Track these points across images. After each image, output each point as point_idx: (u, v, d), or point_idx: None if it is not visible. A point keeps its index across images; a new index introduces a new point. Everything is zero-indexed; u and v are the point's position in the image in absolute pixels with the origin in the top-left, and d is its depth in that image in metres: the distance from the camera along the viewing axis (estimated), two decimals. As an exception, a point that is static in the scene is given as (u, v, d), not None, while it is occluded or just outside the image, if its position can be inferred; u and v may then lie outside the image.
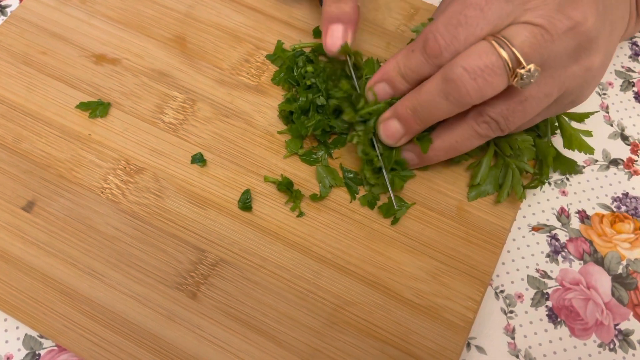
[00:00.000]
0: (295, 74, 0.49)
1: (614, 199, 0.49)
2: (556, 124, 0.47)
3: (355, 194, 0.45)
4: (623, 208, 0.48)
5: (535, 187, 0.45)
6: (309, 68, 0.48)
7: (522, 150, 0.45)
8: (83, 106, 0.48)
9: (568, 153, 0.48)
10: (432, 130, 0.43)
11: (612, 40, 0.41)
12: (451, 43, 0.38)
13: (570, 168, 0.47)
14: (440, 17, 0.39)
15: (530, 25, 0.37)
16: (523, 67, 0.36)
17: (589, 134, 0.47)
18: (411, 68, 0.41)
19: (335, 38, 0.46)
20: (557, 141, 0.49)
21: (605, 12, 0.39)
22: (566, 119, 0.47)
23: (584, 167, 0.50)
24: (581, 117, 0.47)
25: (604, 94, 0.53)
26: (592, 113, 0.47)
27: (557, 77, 0.38)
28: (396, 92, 0.43)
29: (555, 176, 0.49)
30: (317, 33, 0.52)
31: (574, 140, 0.47)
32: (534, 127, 0.46)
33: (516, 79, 0.37)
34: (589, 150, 0.46)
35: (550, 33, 0.36)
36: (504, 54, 0.36)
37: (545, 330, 0.44)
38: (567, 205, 0.48)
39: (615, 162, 0.50)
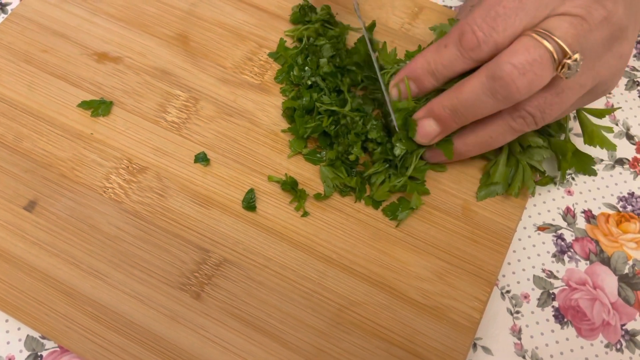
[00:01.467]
0: (295, 72, 0.48)
1: (620, 199, 0.48)
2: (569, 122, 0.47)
3: (362, 193, 0.45)
4: (629, 208, 0.48)
5: (546, 183, 0.45)
6: (325, 68, 0.48)
7: (533, 149, 0.44)
8: (85, 105, 0.48)
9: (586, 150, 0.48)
10: (463, 128, 0.43)
11: (637, 29, 0.41)
12: (490, 35, 0.38)
13: (587, 165, 0.47)
14: (476, 10, 0.38)
15: (569, 16, 0.37)
16: (569, 58, 0.36)
17: (610, 129, 0.46)
18: (443, 64, 0.40)
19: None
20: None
21: (632, 2, 0.39)
22: (587, 114, 0.46)
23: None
24: (601, 113, 0.46)
25: (609, 94, 0.53)
26: (614, 110, 0.47)
27: (592, 67, 0.39)
28: (422, 90, 0.42)
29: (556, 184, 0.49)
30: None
31: (595, 137, 0.46)
32: (545, 127, 0.45)
33: (563, 70, 0.37)
34: (611, 146, 0.46)
35: (588, 23, 0.37)
36: (549, 46, 0.36)
37: (552, 331, 0.43)
38: (573, 205, 0.48)
39: (620, 162, 0.50)
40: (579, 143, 0.48)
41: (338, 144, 0.45)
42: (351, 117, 0.45)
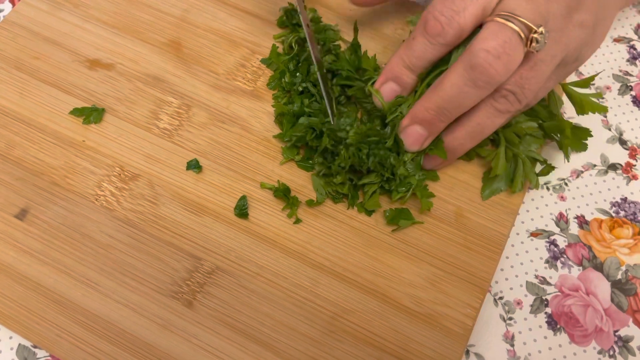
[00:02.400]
0: (286, 79, 0.48)
1: (613, 204, 0.48)
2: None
3: (355, 200, 0.45)
4: (622, 213, 0.48)
5: (547, 172, 0.46)
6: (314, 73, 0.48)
7: (530, 137, 0.45)
8: (77, 112, 0.48)
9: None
10: (449, 125, 0.43)
11: (605, 2, 0.43)
12: (452, 17, 0.39)
13: (583, 137, 0.47)
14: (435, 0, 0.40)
15: None
16: (535, 32, 0.38)
17: (599, 95, 0.47)
18: (416, 56, 0.42)
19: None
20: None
21: None
22: (572, 87, 0.47)
23: (581, 171, 0.50)
24: (586, 82, 0.47)
25: (602, 98, 0.53)
26: (595, 75, 0.47)
27: (558, 39, 0.40)
28: (404, 88, 0.43)
29: (554, 181, 0.49)
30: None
31: (585, 105, 0.46)
32: (535, 114, 0.46)
33: (532, 44, 0.38)
34: (603, 109, 0.46)
35: None
36: (514, 27, 0.38)
37: (545, 337, 0.43)
38: (566, 211, 0.48)
39: (613, 167, 0.50)
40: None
41: (322, 164, 0.45)
42: (334, 139, 0.44)
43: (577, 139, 0.47)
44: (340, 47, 0.50)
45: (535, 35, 0.38)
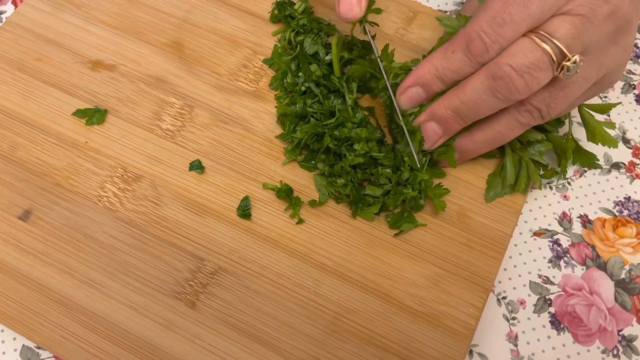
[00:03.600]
0: (288, 79, 0.48)
1: (616, 203, 0.48)
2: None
3: (358, 206, 0.44)
4: (625, 212, 0.48)
5: (550, 176, 0.46)
6: (316, 71, 0.47)
7: (533, 144, 0.45)
8: (79, 113, 0.48)
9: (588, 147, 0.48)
10: (470, 127, 0.43)
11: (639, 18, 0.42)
12: (496, 41, 0.38)
13: (589, 161, 0.47)
14: (481, 15, 0.39)
15: (572, 16, 0.37)
16: (569, 59, 0.37)
17: (612, 126, 0.47)
18: (452, 69, 0.41)
19: (349, 3, 0.43)
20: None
21: None
22: (589, 111, 0.47)
23: (585, 171, 0.49)
24: (604, 109, 0.46)
25: (605, 97, 0.53)
26: (615, 105, 0.47)
27: (597, 61, 0.39)
28: (429, 95, 0.43)
29: (557, 180, 0.49)
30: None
31: (597, 134, 0.46)
32: (543, 124, 0.45)
33: (562, 71, 0.37)
34: (613, 143, 0.46)
35: (591, 21, 0.37)
36: (547, 48, 0.37)
37: (549, 337, 0.43)
38: (569, 210, 0.48)
39: (617, 166, 0.50)
40: (580, 136, 0.49)
41: (323, 161, 0.45)
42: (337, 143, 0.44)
43: (583, 159, 0.47)
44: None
45: (567, 64, 0.37)
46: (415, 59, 0.47)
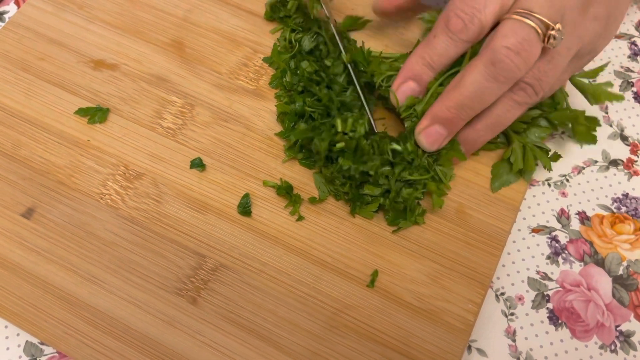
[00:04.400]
0: (287, 78, 0.48)
1: (614, 200, 0.48)
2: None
3: (356, 205, 0.45)
4: (623, 209, 0.48)
5: (556, 159, 0.46)
6: (308, 68, 0.48)
7: (536, 128, 0.46)
8: (82, 112, 0.48)
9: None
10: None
11: None
12: (473, 15, 0.41)
13: (592, 128, 0.48)
14: None
15: None
16: (552, 29, 0.39)
17: (609, 84, 0.47)
18: (438, 53, 0.42)
19: None
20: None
21: None
22: (580, 79, 0.47)
23: (583, 168, 0.50)
24: (594, 73, 0.47)
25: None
26: (604, 66, 0.47)
27: (574, 32, 0.41)
28: (422, 86, 0.44)
29: (555, 177, 0.49)
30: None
31: (600, 94, 0.47)
32: (539, 104, 0.46)
33: (550, 41, 0.40)
34: (619, 97, 0.47)
35: None
36: (532, 23, 0.39)
37: (546, 332, 0.44)
38: (567, 207, 0.48)
39: (615, 163, 0.50)
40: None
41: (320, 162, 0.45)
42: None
43: (587, 129, 0.48)
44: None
45: (552, 32, 0.39)
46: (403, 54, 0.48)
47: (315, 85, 0.47)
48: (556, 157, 0.46)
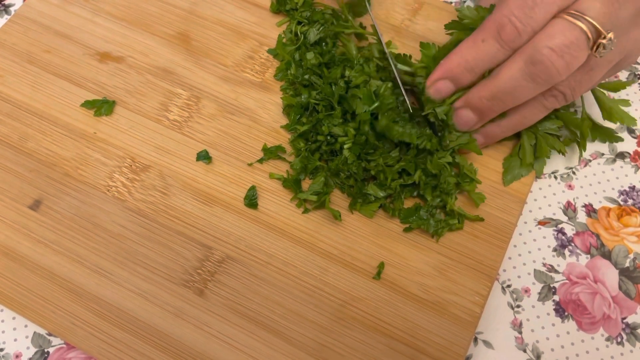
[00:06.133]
0: (292, 71, 0.48)
1: (621, 193, 0.48)
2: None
3: (357, 201, 0.45)
4: (630, 201, 0.48)
5: (569, 143, 0.46)
6: (312, 59, 0.48)
7: (545, 121, 0.45)
8: (88, 104, 0.48)
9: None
10: None
11: None
12: (528, 25, 0.38)
13: (609, 136, 0.48)
14: (510, 0, 0.39)
15: None
16: (604, 37, 0.37)
17: (626, 103, 0.47)
18: (483, 59, 0.40)
19: None
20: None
21: None
22: (602, 90, 0.47)
23: (590, 160, 0.50)
24: (616, 87, 0.47)
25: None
26: (630, 83, 0.47)
27: (620, 42, 0.39)
28: (459, 87, 0.43)
29: (562, 170, 0.49)
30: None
31: (614, 113, 0.47)
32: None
33: (598, 49, 0.37)
34: (631, 121, 0.47)
35: (618, 1, 0.37)
36: (584, 27, 0.37)
37: (553, 325, 0.44)
38: (574, 199, 0.48)
39: (621, 155, 0.50)
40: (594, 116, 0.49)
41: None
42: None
43: (602, 135, 0.48)
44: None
45: (603, 41, 0.37)
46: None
47: (318, 77, 0.47)
48: (568, 141, 0.46)
